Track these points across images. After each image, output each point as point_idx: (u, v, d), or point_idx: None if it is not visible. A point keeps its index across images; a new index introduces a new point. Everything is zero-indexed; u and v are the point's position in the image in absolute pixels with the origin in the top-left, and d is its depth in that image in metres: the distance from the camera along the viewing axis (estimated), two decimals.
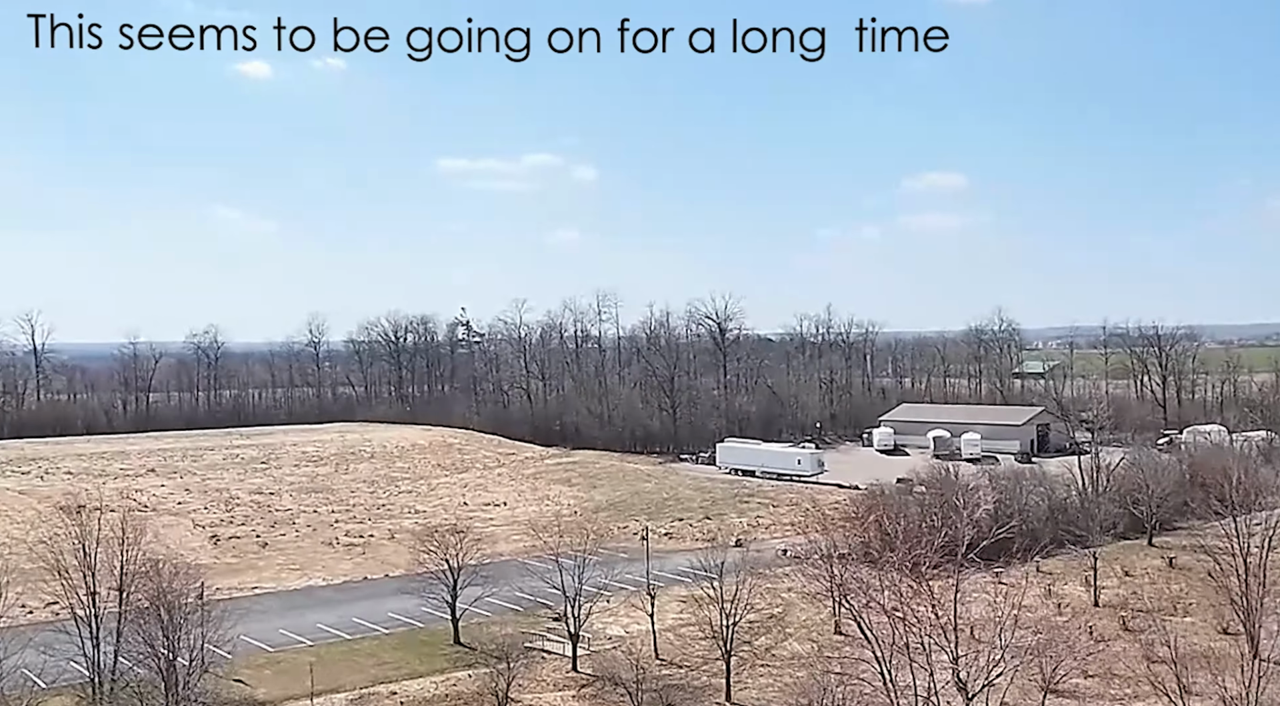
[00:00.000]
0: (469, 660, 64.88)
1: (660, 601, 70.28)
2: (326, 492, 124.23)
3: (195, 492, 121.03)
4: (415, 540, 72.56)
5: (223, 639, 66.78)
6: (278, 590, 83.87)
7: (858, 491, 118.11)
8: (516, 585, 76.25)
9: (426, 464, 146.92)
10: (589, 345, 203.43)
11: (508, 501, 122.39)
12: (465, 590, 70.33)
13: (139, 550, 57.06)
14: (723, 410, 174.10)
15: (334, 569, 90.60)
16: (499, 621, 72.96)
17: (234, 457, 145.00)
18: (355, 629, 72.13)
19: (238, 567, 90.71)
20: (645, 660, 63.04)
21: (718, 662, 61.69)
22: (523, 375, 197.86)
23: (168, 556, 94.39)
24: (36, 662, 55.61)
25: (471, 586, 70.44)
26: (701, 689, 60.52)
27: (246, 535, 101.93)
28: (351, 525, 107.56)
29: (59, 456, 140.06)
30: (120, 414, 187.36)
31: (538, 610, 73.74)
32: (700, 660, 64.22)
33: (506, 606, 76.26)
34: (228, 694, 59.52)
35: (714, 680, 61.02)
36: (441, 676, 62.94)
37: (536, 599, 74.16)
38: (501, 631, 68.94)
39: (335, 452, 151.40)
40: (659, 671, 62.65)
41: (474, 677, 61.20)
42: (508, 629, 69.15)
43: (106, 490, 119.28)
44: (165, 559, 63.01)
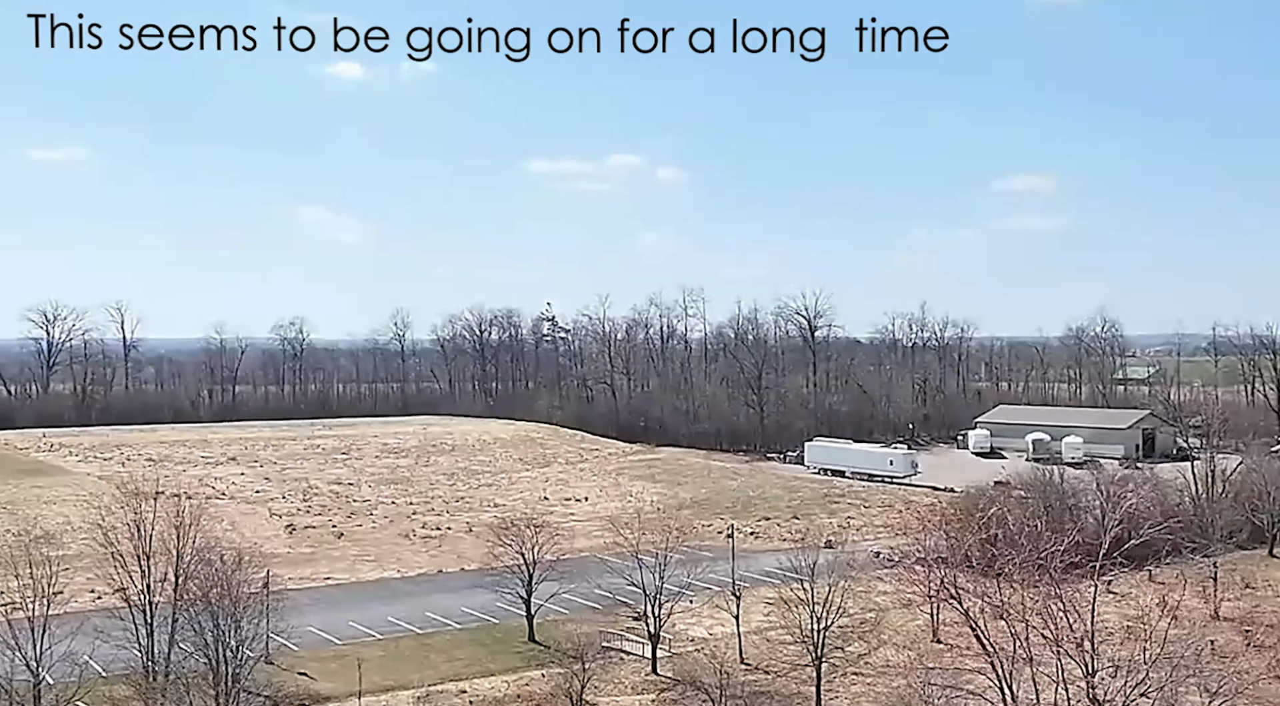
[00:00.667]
0: (543, 658, 61.75)
1: (746, 602, 66.41)
2: (405, 484, 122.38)
3: (274, 481, 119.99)
4: (492, 534, 69.62)
5: (288, 630, 64.81)
6: (350, 581, 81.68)
7: (953, 494, 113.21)
8: (595, 582, 72.91)
9: (508, 457, 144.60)
10: (674, 342, 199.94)
11: (589, 497, 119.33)
12: (542, 586, 67.31)
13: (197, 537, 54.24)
14: (811, 409, 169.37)
15: (409, 561, 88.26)
16: (576, 619, 69.74)
17: (315, 448, 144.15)
18: (427, 623, 69.45)
19: (312, 557, 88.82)
20: (729, 664, 59.35)
21: (807, 669, 57.67)
22: (607, 370, 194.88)
23: (241, 545, 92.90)
24: (95, 650, 53.53)
25: (548, 582, 67.39)
26: (789, 697, 56.62)
27: (322, 525, 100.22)
28: (429, 517, 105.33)
29: (142, 444, 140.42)
30: (205, 404, 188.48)
31: (617, 608, 70.41)
32: (788, 666, 60.22)
33: (584, 603, 73.04)
34: (290, 687, 57.09)
35: (803, 687, 57.05)
36: (514, 675, 59.87)
37: (615, 597, 70.91)
38: (578, 630, 65.73)
39: (416, 445, 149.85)
40: (744, 677, 58.84)
41: (547, 677, 58.00)
42: (585, 627, 65.87)
43: (186, 477, 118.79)
44: (231, 547, 60.55)
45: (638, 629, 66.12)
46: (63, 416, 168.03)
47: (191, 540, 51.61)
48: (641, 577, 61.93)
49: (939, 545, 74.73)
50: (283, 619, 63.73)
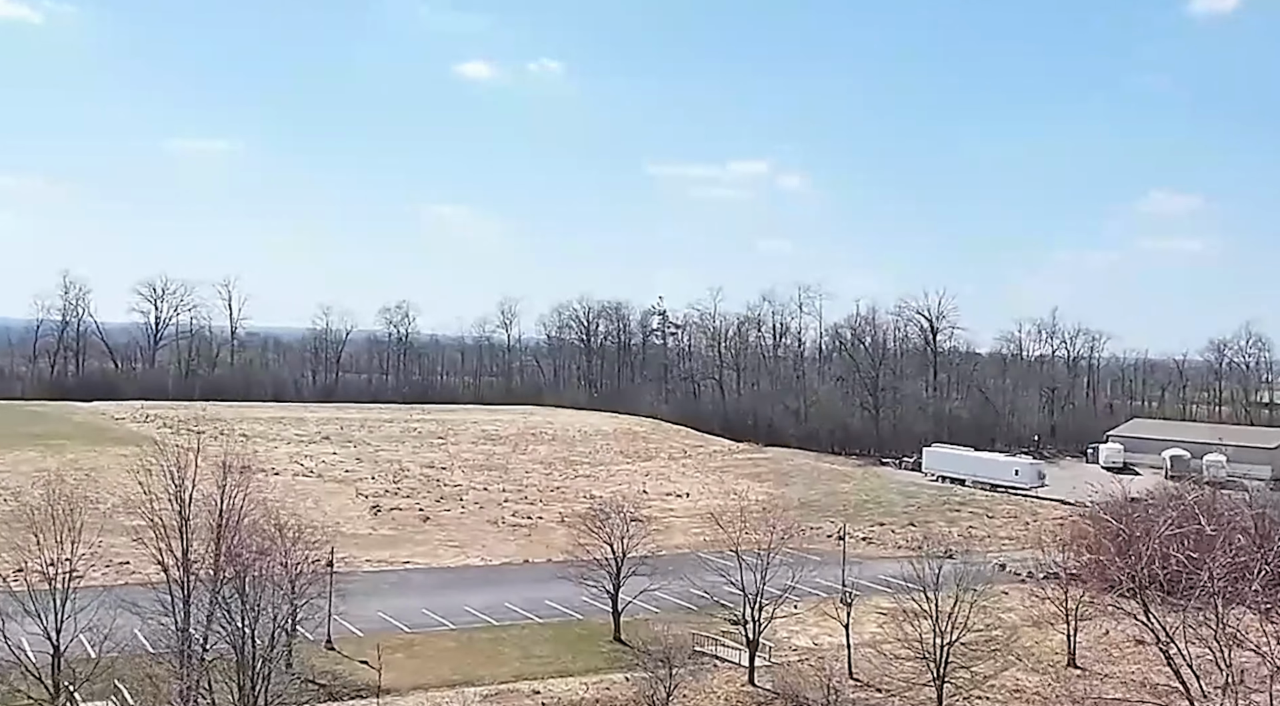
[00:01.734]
0: (627, 660, 55.75)
1: (858, 612, 59.69)
2: (500, 471, 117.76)
3: (365, 462, 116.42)
4: (584, 524, 63.97)
5: (357, 614, 60.14)
6: (430, 567, 76.87)
7: (1084, 508, 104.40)
8: (691, 580, 66.57)
9: (609, 450, 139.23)
10: (787, 340, 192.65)
11: (690, 492, 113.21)
12: (632, 581, 61.43)
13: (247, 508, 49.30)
14: (930, 414, 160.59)
15: (494, 549, 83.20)
16: (667, 619, 63.61)
17: (411, 431, 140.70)
18: (505, 615, 64.07)
19: (394, 540, 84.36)
20: (837, 678, 52.64)
21: (925, 689, 50.82)
22: (716, 367, 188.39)
23: (323, 523, 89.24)
24: (140, 625, 49.15)
25: (639, 577, 61.47)
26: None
27: (409, 508, 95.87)
28: (521, 505, 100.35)
29: (237, 419, 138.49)
30: (309, 384, 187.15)
31: (713, 610, 64.21)
32: (904, 684, 53.24)
33: (677, 603, 66.93)
34: (348, 676, 52.01)
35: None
36: (594, 676, 54.06)
37: (712, 597, 64.90)
38: (669, 631, 59.69)
39: (515, 432, 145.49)
40: (852, 694, 52.20)
41: (631, 682, 52.03)
42: (677, 628, 59.69)
43: (276, 454, 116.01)
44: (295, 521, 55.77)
45: (735, 633, 59.93)
46: (165, 391, 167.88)
47: (236, 510, 46.16)
48: (741, 577, 55.59)
49: (1080, 562, 67.24)
50: (346, 602, 59.32)
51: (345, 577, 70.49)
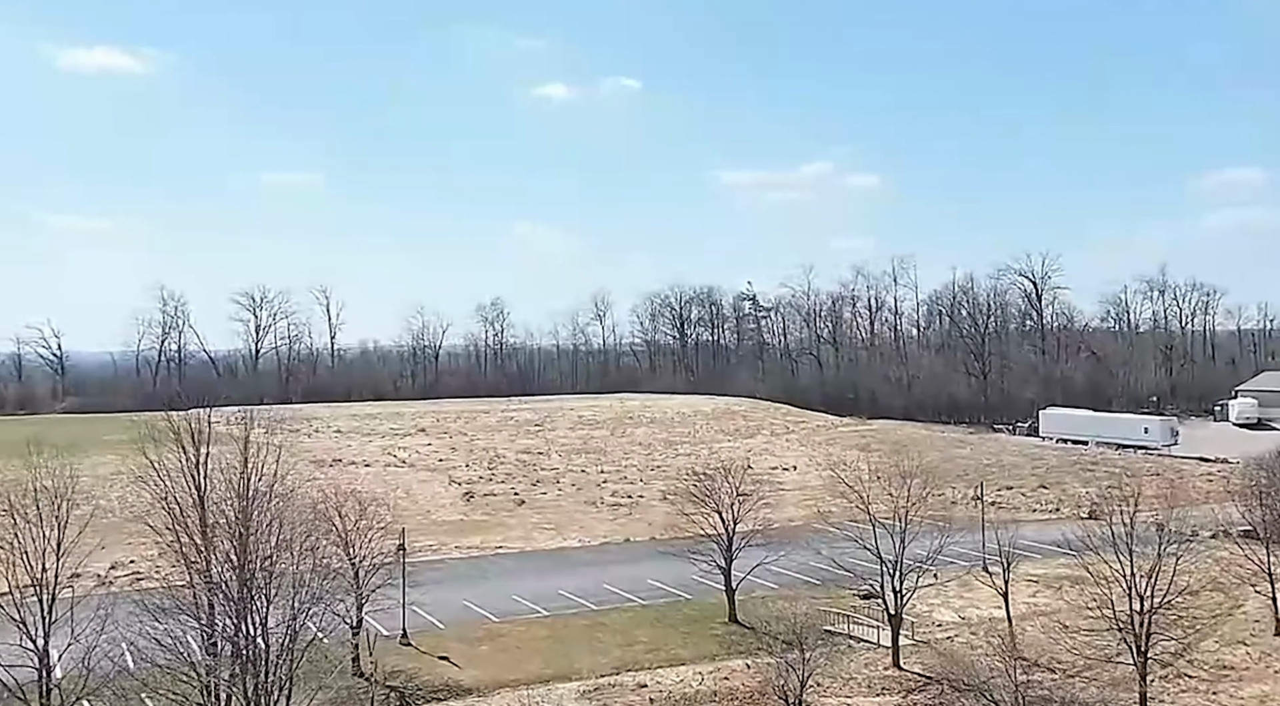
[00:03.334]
0: (746, 644, 46.02)
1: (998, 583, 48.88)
2: (598, 454, 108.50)
3: (460, 451, 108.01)
4: (689, 492, 54.21)
5: (438, 604, 51.21)
6: (523, 550, 67.74)
7: (1228, 465, 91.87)
8: (809, 553, 56.49)
9: (709, 429, 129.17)
10: (883, 313, 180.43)
11: (797, 465, 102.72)
12: (745, 556, 51.53)
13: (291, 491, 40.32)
14: (1041, 377, 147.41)
15: (593, 529, 73.86)
16: (787, 596, 53.73)
17: (508, 420, 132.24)
18: (605, 597, 54.59)
19: (486, 525, 75.49)
20: (998, 657, 42.05)
21: (1111, 667, 40.03)
22: (812, 342, 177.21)
23: (412, 511, 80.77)
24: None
25: (754, 548, 51.57)
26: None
27: (503, 493, 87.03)
28: (620, 485, 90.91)
29: (333, 417, 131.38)
30: (408, 385, 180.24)
31: (838, 583, 54.17)
32: (1081, 661, 42.39)
33: (797, 577, 57.01)
34: (425, 675, 42.93)
35: (1111, 693, 39.28)
36: (709, 665, 44.26)
37: (834, 570, 54.92)
38: (791, 609, 49.74)
39: (612, 417, 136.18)
40: (1022, 675, 41.41)
41: (754, 669, 42.11)
42: (800, 606, 49.63)
43: (369, 447, 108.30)
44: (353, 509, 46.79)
45: (868, 609, 49.74)
46: (265, 395, 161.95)
47: (268, 486, 36.72)
48: (877, 544, 45.29)
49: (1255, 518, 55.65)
50: (428, 591, 50.42)
51: (430, 565, 62.02)
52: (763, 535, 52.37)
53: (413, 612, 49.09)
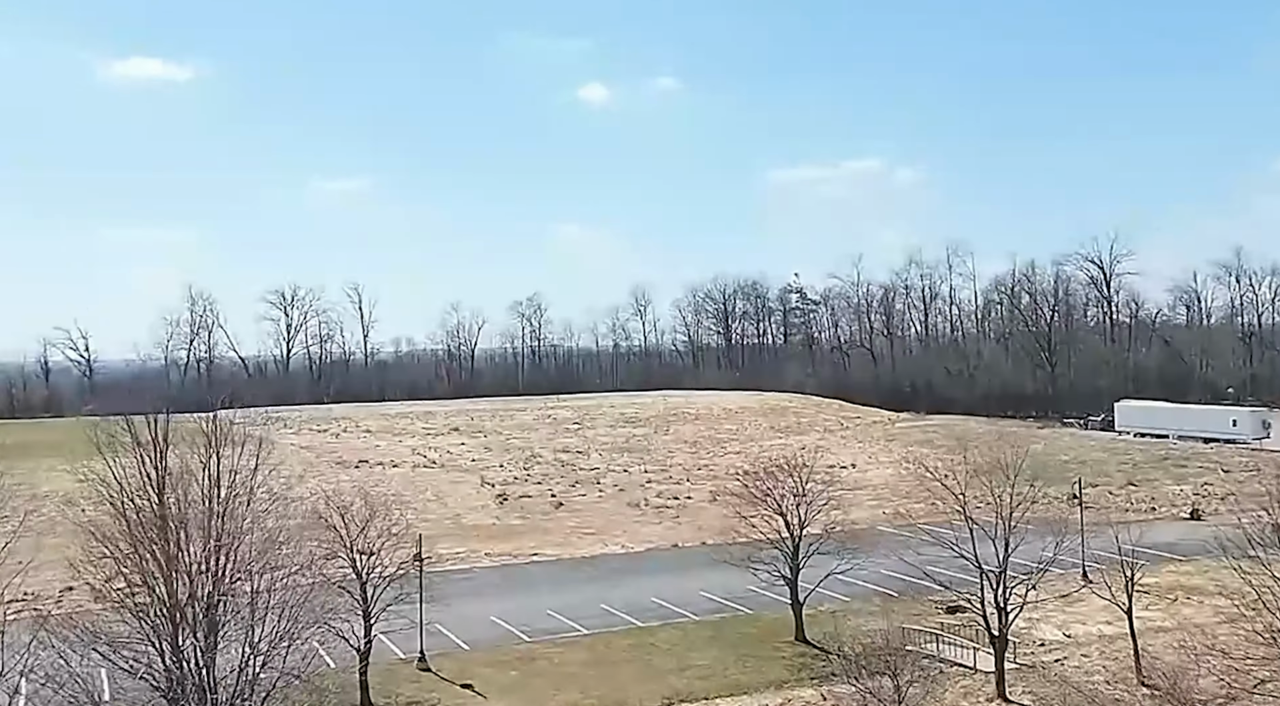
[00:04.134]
0: (818, 668, 39.79)
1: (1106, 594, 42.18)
2: (641, 452, 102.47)
3: (495, 451, 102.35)
4: (745, 489, 47.95)
5: (463, 621, 45.37)
6: (560, 557, 61.72)
7: None
8: (885, 560, 50.02)
9: (757, 426, 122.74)
10: (938, 302, 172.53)
11: (856, 463, 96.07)
12: (811, 563, 45.23)
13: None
14: (1112, 367, 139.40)
15: (637, 534, 67.77)
16: (861, 609, 47.44)
17: (546, 418, 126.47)
18: (652, 612, 48.44)
19: (520, 530, 69.61)
20: (1121, 684, 35.63)
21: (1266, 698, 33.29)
22: (865, 334, 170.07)
23: (440, 515, 75.09)
24: None
25: (822, 555, 45.25)
26: None
27: (539, 494, 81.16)
28: (665, 486, 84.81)
29: (364, 416, 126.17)
30: (443, 383, 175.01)
31: (918, 595, 47.88)
32: (1226, 689, 35.58)
33: (869, 587, 50.53)
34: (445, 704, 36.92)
35: None
36: (776, 694, 38.14)
37: (914, 579, 48.60)
38: (868, 625, 43.49)
39: (655, 415, 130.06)
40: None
41: (830, 700, 35.78)
42: (877, 622, 43.35)
43: (399, 448, 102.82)
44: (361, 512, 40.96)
45: (957, 626, 43.31)
46: (296, 395, 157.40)
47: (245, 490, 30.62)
48: (975, 550, 38.82)
49: None
50: (451, 606, 44.49)
51: (457, 575, 56.26)
52: (834, 540, 45.88)
53: (434, 631, 43.32)
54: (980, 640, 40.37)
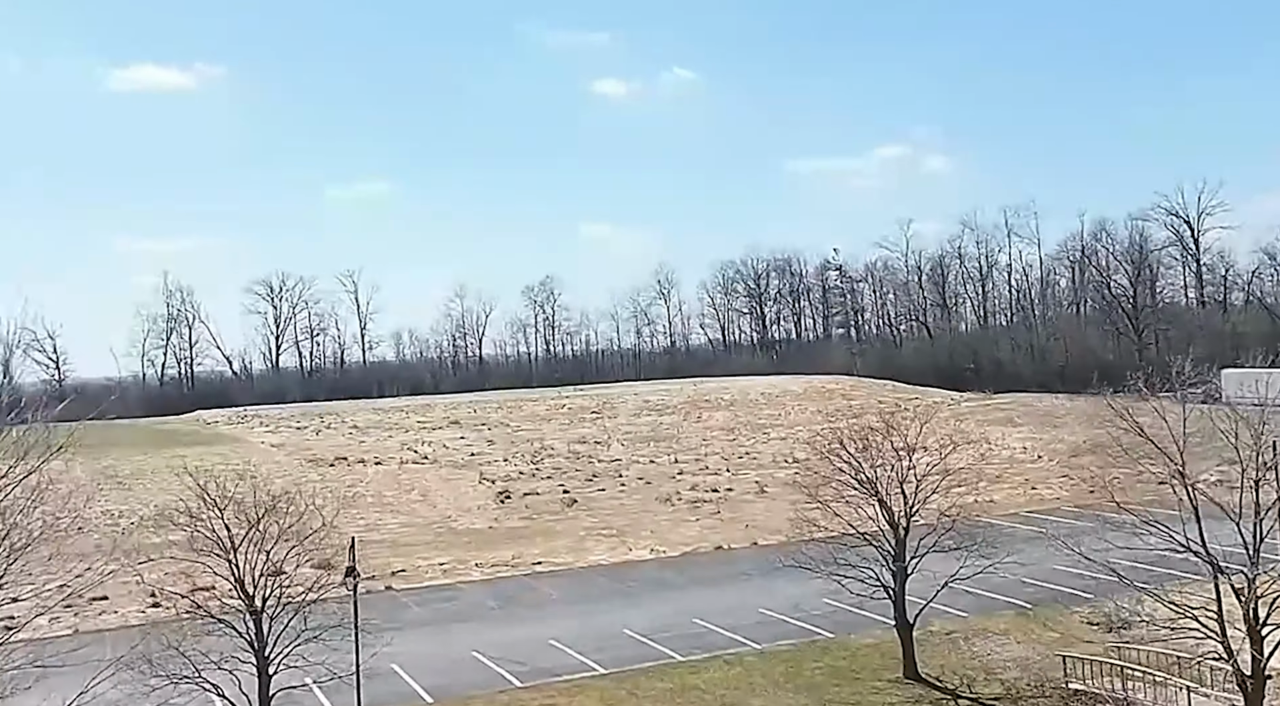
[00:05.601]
0: None
1: None
2: (670, 441, 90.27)
3: (500, 444, 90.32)
4: (824, 455, 35.47)
5: (433, 658, 33.18)
6: (571, 566, 49.37)
7: None
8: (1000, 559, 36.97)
9: (803, 410, 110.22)
10: (995, 271, 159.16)
11: (928, 446, 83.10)
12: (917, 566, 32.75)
13: None
14: (1206, 333, 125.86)
15: (668, 535, 55.36)
16: (987, 629, 34.93)
17: (560, 408, 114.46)
18: (695, 641, 35.90)
19: (523, 533, 57.34)
20: None
21: None
22: (920, 307, 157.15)
23: (426, 519, 62.99)
24: None
25: (938, 554, 32.79)
26: None
27: (549, 490, 68.95)
28: (701, 477, 72.48)
29: (352, 411, 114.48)
30: (448, 374, 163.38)
31: (1062, 608, 35.69)
32: None
33: (995, 598, 37.92)
34: None
35: None
36: None
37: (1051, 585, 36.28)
38: (1001, 652, 31.20)
39: (684, 401, 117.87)
40: None
41: None
42: (1015, 646, 30.91)
43: (387, 444, 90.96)
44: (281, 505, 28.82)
45: (1126, 649, 30.88)
46: (287, 395, 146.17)
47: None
48: (1203, 538, 26.22)
49: None
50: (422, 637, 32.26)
51: (433, 595, 44.19)
52: (954, 531, 33.46)
53: (387, 676, 31.21)
54: (1187, 672, 27.98)
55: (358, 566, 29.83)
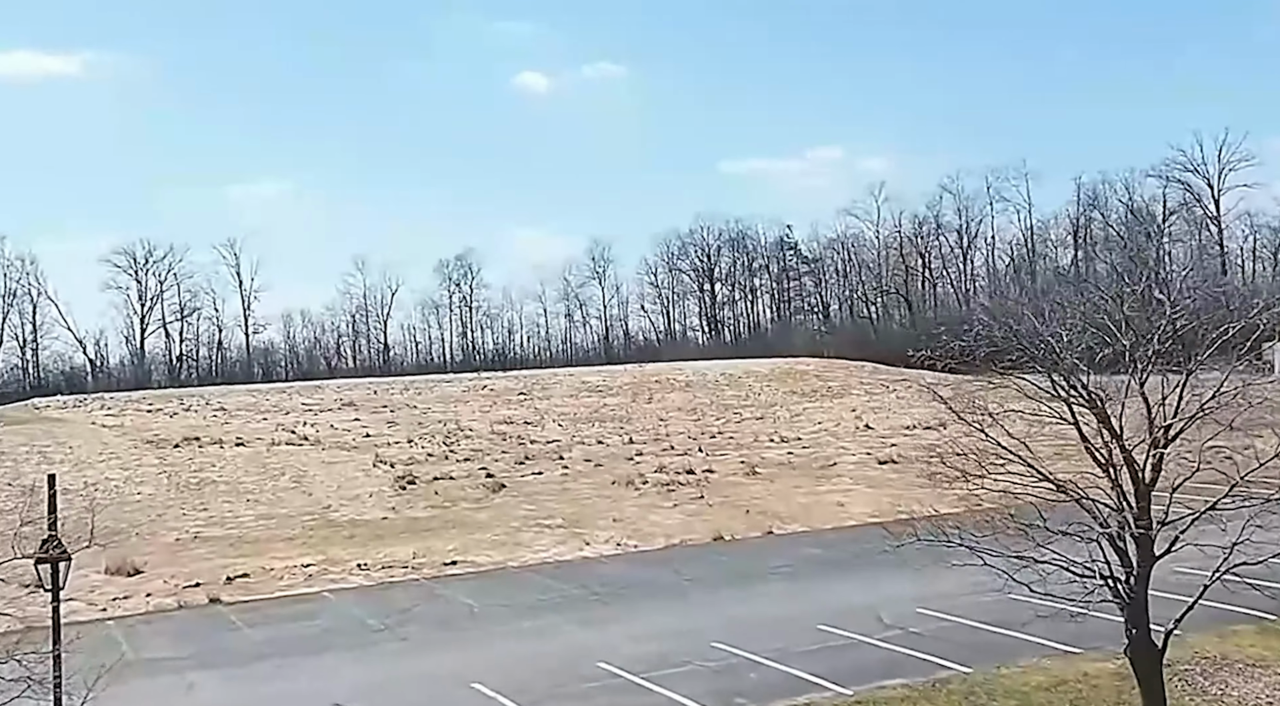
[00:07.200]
0: None
1: None
2: (621, 422, 76.54)
3: (404, 425, 75.77)
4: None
5: None
6: (504, 566, 35.33)
7: None
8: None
9: (774, 390, 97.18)
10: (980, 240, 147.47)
11: (946, 424, 70.31)
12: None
13: None
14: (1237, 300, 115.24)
15: (638, 524, 41.65)
16: (1232, 649, 21.61)
17: (479, 389, 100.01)
18: (726, 683, 21.97)
19: (428, 525, 43.29)
20: None
21: None
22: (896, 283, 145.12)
23: (297, 510, 48.49)
24: None
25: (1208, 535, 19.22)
26: None
27: (467, 475, 54.81)
28: (667, 458, 58.83)
29: (224, 394, 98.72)
30: (348, 359, 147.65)
31: None
32: None
33: (1221, 605, 24.48)
34: None
35: None
36: None
37: None
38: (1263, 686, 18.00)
39: (630, 382, 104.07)
40: None
41: None
42: None
43: (257, 424, 75.99)
44: None
45: None
46: (153, 381, 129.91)
47: None
48: None
49: None
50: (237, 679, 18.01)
51: (284, 609, 30.12)
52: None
53: None
54: None
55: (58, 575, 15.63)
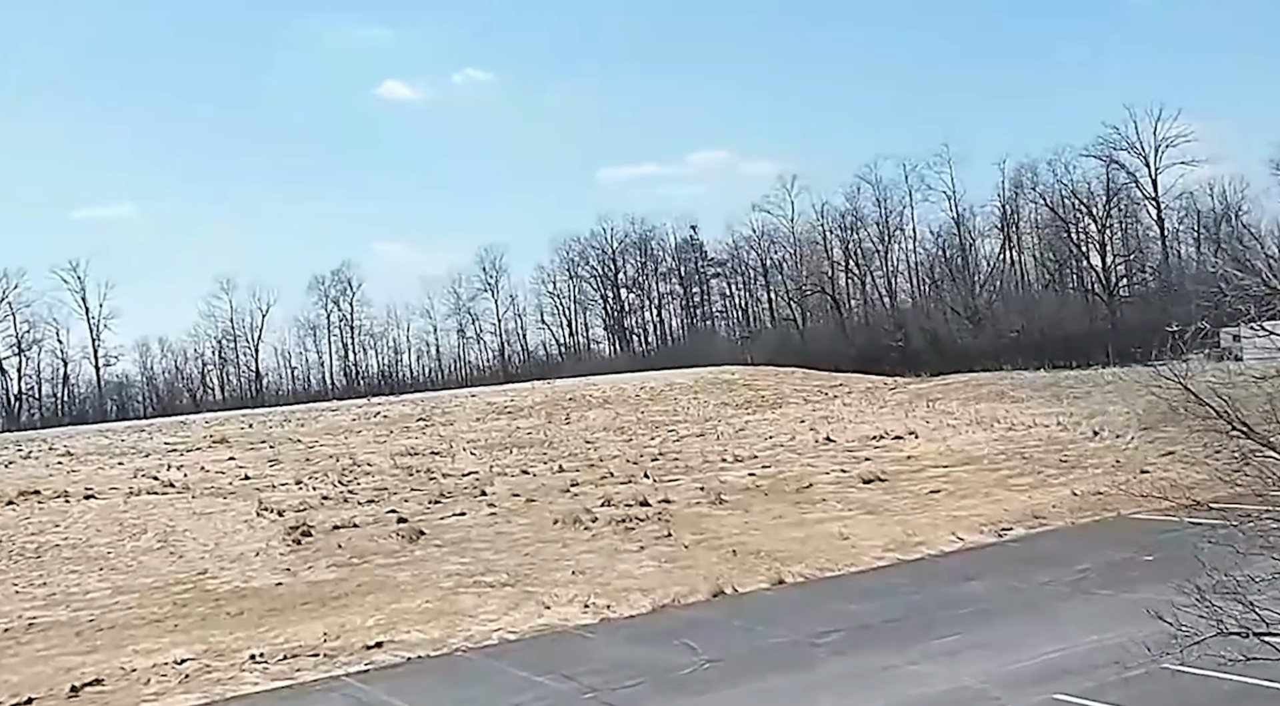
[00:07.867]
0: None
1: None
2: (542, 447, 68.91)
3: (287, 463, 67.07)
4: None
5: None
6: (446, 645, 27.48)
7: None
8: None
9: (705, 403, 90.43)
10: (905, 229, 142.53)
11: (917, 432, 64.25)
12: None
13: None
14: (1179, 288, 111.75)
15: (606, 574, 34.25)
16: None
17: (371, 416, 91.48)
18: None
19: (340, 592, 35.25)
20: None
21: None
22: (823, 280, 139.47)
23: (165, 578, 39.92)
24: None
25: None
26: None
27: (373, 520, 46.72)
28: (610, 488, 51.32)
29: (70, 436, 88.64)
30: (216, 389, 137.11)
31: None
32: None
33: None
34: None
35: None
36: None
37: None
38: None
39: (541, 401, 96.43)
40: None
41: None
42: None
43: (112, 471, 66.66)
44: None
45: None
46: None
47: None
48: None
49: None
50: None
51: None
52: None
53: None
54: None
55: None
